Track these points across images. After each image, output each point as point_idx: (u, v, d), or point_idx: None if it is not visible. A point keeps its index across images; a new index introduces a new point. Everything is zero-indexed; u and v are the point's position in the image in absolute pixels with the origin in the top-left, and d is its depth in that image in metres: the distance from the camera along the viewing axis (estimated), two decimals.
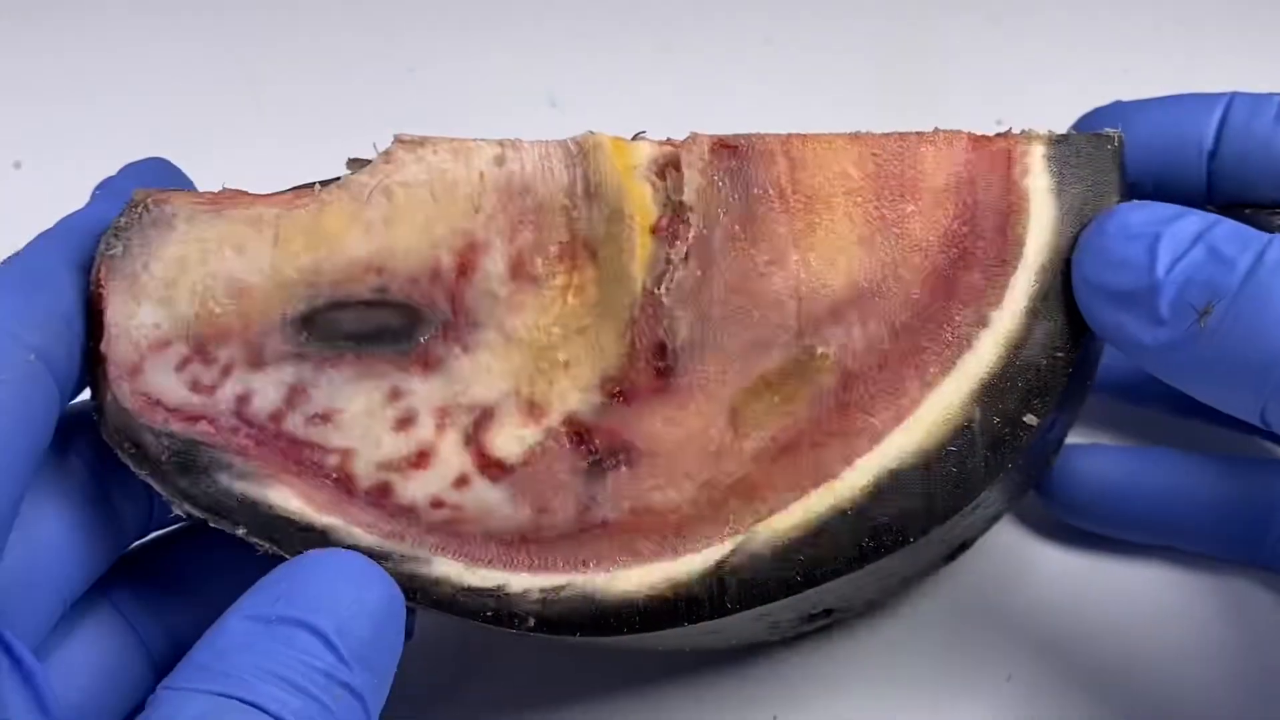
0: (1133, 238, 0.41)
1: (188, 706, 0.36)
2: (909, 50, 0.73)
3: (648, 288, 0.44)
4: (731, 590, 0.43)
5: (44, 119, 0.72)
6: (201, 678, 0.36)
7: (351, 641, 0.38)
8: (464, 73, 0.73)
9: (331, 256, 0.44)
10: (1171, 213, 0.42)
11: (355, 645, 0.38)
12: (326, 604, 0.38)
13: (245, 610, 0.38)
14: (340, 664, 0.37)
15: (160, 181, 0.47)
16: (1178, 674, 0.51)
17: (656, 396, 0.44)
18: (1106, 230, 0.42)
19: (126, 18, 0.77)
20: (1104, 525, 0.53)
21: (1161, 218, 0.41)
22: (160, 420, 0.42)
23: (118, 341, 0.43)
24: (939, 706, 0.51)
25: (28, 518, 0.40)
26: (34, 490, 0.40)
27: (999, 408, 0.43)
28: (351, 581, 0.39)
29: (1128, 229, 0.42)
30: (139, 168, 0.47)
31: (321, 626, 0.37)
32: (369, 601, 0.39)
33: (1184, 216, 0.41)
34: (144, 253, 0.43)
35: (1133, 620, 0.52)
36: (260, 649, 0.37)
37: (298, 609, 0.38)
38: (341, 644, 0.37)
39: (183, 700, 0.36)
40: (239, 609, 0.38)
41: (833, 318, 0.44)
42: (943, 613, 0.53)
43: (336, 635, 0.37)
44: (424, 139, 0.45)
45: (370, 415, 0.44)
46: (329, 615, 0.38)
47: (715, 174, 0.44)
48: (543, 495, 0.44)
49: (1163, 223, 0.41)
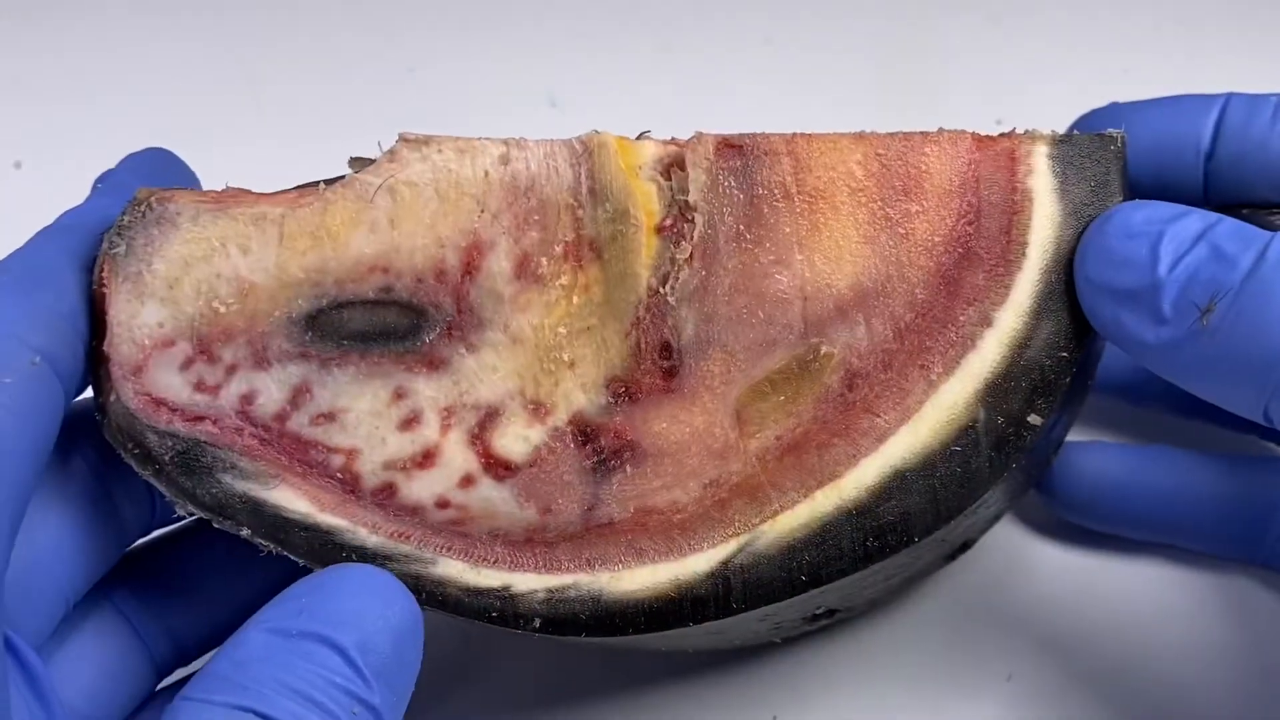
0: (1135, 236, 0.41)
1: (204, 718, 0.35)
2: (909, 50, 0.73)
3: (653, 287, 0.44)
4: (736, 590, 0.43)
5: (44, 119, 0.72)
6: (219, 689, 0.36)
7: (373, 659, 0.37)
8: (464, 73, 0.73)
9: (336, 255, 0.44)
10: (1173, 212, 0.42)
11: (376, 663, 0.37)
12: (349, 620, 0.38)
13: (266, 622, 0.38)
14: (361, 681, 0.37)
15: (162, 172, 0.47)
16: (1178, 674, 0.51)
17: (662, 396, 0.44)
18: (1108, 230, 0.42)
19: (126, 18, 0.77)
20: (1104, 523, 0.53)
21: (1163, 216, 0.41)
22: (164, 420, 0.42)
23: (121, 341, 0.42)
24: (939, 706, 0.51)
25: (30, 519, 0.40)
26: (36, 491, 0.40)
27: (1003, 407, 0.43)
28: (376, 598, 0.39)
29: (1129, 228, 0.42)
30: (140, 159, 0.47)
31: (343, 643, 0.37)
32: (392, 619, 0.38)
33: (1186, 215, 0.41)
34: (147, 251, 0.43)
35: (1133, 620, 0.52)
36: (280, 662, 0.36)
37: (319, 624, 0.37)
38: (362, 661, 0.37)
39: (199, 711, 0.36)
40: (260, 621, 0.38)
41: (837, 317, 0.44)
42: (943, 613, 0.53)
43: (358, 652, 0.37)
44: (429, 138, 0.45)
45: (375, 415, 0.44)
46: (351, 631, 0.37)
47: (720, 173, 0.44)
48: (548, 495, 0.44)
49: (1165, 221, 0.41)
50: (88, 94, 0.73)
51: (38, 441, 0.39)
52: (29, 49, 0.76)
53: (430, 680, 0.50)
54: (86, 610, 0.44)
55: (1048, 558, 0.55)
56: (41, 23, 0.77)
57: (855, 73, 0.72)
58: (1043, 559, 0.55)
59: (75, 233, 0.44)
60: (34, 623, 0.40)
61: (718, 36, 0.74)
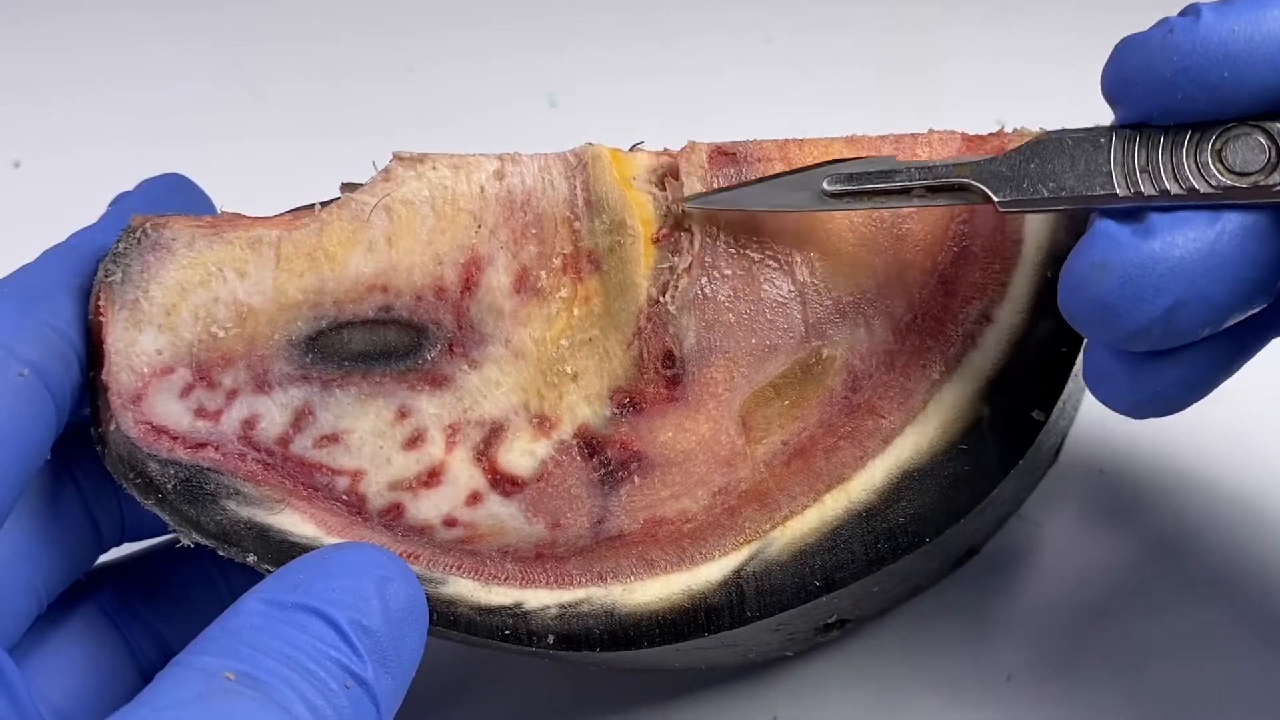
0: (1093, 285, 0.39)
1: (192, 682, 0.35)
2: (909, 50, 0.72)
3: (653, 297, 0.44)
4: (750, 598, 0.42)
5: (44, 119, 0.72)
6: (211, 652, 0.36)
7: (366, 636, 0.37)
8: (464, 73, 0.73)
9: (334, 276, 0.44)
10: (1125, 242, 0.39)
11: (370, 641, 0.37)
12: (344, 596, 0.38)
13: (263, 593, 0.38)
14: (354, 656, 0.37)
15: (177, 197, 0.46)
16: (1178, 674, 0.51)
17: (666, 405, 0.44)
18: (1070, 275, 0.40)
19: (126, 17, 0.76)
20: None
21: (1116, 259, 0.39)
22: (165, 448, 0.42)
23: (119, 369, 0.42)
24: (939, 706, 0.51)
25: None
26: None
27: (1007, 404, 0.43)
28: (370, 576, 0.38)
29: (1087, 282, 0.39)
30: (155, 183, 0.47)
31: (336, 617, 0.37)
32: (389, 598, 0.38)
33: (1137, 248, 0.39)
34: (144, 278, 0.43)
35: (1133, 620, 0.52)
36: (272, 631, 0.36)
37: (315, 598, 0.37)
38: (356, 637, 0.37)
39: (189, 676, 0.35)
40: (256, 592, 0.38)
41: (838, 319, 0.44)
42: (943, 613, 0.52)
43: (351, 627, 0.37)
44: (423, 155, 0.44)
45: (379, 435, 0.44)
46: (345, 608, 0.37)
47: (715, 181, 0.44)
48: (556, 509, 0.44)
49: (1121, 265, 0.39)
50: (88, 94, 0.73)
51: (18, 453, 0.39)
52: (29, 49, 0.75)
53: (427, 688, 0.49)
54: (69, 611, 0.44)
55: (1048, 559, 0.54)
56: (41, 22, 0.77)
57: (855, 72, 0.72)
58: (1043, 561, 0.54)
59: (81, 252, 0.44)
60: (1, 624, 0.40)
61: (718, 36, 0.73)
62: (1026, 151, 0.40)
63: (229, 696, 0.35)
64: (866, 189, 0.42)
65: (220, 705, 0.35)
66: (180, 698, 0.35)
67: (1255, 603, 0.52)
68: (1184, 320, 0.38)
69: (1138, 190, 0.39)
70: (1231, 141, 0.38)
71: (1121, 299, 0.38)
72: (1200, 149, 0.38)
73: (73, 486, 0.43)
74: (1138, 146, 0.39)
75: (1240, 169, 0.38)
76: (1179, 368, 0.39)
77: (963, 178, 0.41)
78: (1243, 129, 0.38)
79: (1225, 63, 0.37)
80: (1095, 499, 0.55)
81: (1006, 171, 0.40)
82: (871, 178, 0.42)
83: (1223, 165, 0.38)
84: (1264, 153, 0.38)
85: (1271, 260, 0.38)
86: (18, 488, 0.39)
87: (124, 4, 0.77)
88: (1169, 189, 0.38)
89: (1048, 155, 0.40)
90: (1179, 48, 0.37)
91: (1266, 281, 0.38)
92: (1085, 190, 0.39)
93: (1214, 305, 0.38)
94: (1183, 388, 0.40)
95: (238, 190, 0.49)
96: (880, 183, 0.42)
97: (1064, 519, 0.55)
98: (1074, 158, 0.40)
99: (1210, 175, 0.38)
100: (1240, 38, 0.37)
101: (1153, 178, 0.39)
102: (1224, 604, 0.52)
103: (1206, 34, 0.37)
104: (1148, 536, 0.54)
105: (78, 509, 0.43)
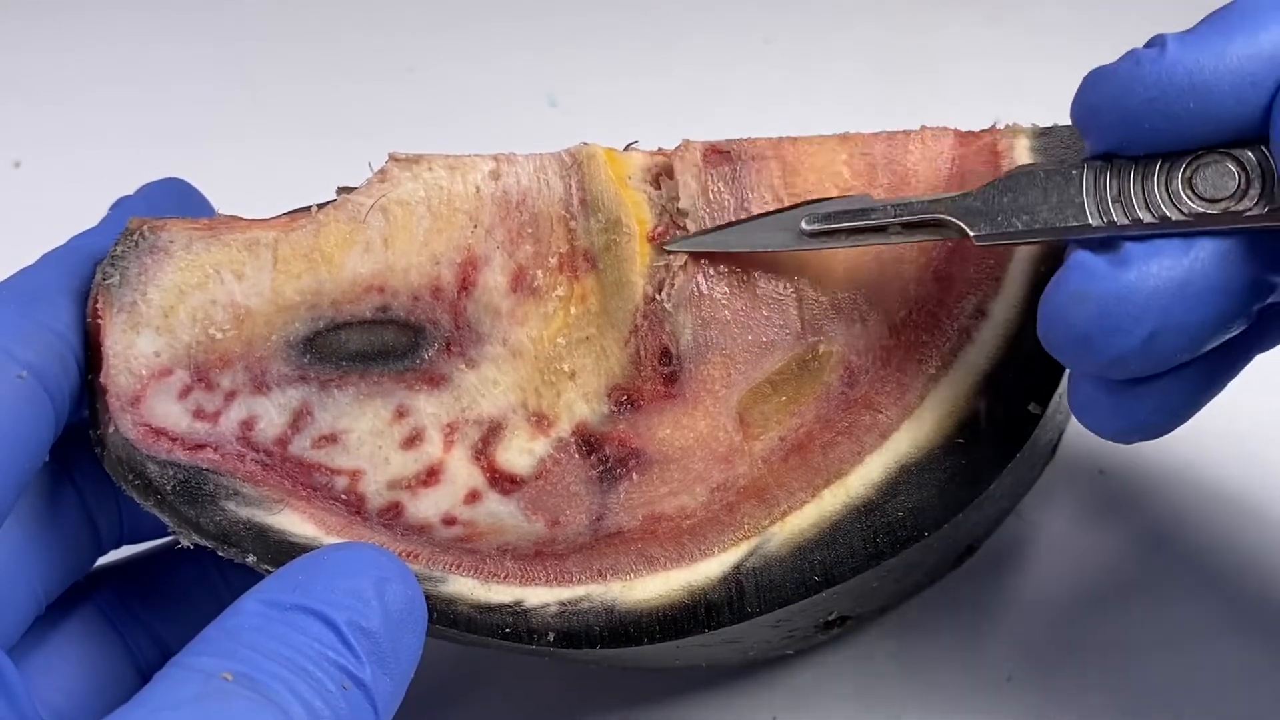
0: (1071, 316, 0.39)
1: (190, 682, 0.35)
2: (908, 49, 0.72)
3: (649, 294, 0.44)
4: (750, 594, 0.42)
5: (44, 119, 0.72)
6: (209, 653, 0.36)
7: (365, 638, 0.37)
8: (463, 73, 0.73)
9: (331, 277, 0.44)
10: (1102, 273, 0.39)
11: (369, 642, 0.37)
12: (342, 597, 0.38)
13: (261, 594, 0.38)
14: (352, 657, 0.37)
15: (178, 201, 0.47)
16: (1178, 674, 0.51)
17: (664, 402, 0.44)
18: (1048, 306, 0.40)
19: (126, 17, 0.76)
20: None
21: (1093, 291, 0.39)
22: (164, 450, 0.42)
23: (117, 372, 0.42)
24: (939, 707, 0.51)
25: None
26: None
27: (1003, 398, 0.43)
28: (369, 577, 0.39)
29: (1065, 313, 0.39)
30: (156, 188, 0.47)
31: (335, 618, 0.37)
32: (387, 599, 0.38)
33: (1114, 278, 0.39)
34: (141, 281, 0.43)
35: (1133, 620, 0.52)
36: (271, 632, 0.37)
37: (314, 599, 0.37)
38: (354, 638, 0.37)
39: (187, 676, 0.36)
40: (255, 593, 0.38)
41: (834, 315, 0.44)
42: (943, 613, 0.52)
43: (349, 629, 0.37)
44: (418, 156, 0.45)
45: (377, 434, 0.44)
46: (344, 609, 0.37)
47: (709, 179, 0.44)
48: (555, 507, 0.44)
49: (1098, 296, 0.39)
50: (88, 94, 0.73)
51: (17, 453, 0.39)
52: (29, 49, 0.76)
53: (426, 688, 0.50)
54: (68, 612, 0.44)
55: (1047, 559, 0.54)
56: (41, 22, 0.77)
57: (855, 72, 0.72)
58: (1042, 561, 0.54)
59: (80, 255, 0.44)
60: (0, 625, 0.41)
61: (718, 36, 0.73)
62: (1000, 185, 0.41)
63: (227, 697, 0.35)
64: (844, 227, 0.42)
65: (218, 706, 0.35)
66: (178, 698, 0.35)
67: (1253, 601, 0.52)
68: (1162, 348, 0.38)
69: (1110, 220, 0.39)
70: (1202, 169, 0.38)
71: (1100, 330, 0.38)
72: (1171, 177, 0.39)
73: (71, 489, 0.43)
74: (1109, 177, 0.39)
75: (1211, 196, 0.38)
76: (1160, 394, 0.40)
77: (938, 213, 0.41)
78: (1212, 156, 0.38)
79: (1191, 94, 0.37)
80: (1094, 499, 0.55)
81: (981, 206, 0.41)
82: (848, 216, 0.42)
83: (1194, 193, 0.38)
84: (1234, 179, 0.38)
85: (1246, 284, 0.38)
86: (16, 490, 0.39)
87: (124, 4, 0.77)
88: (1141, 218, 0.39)
89: (1021, 188, 0.40)
90: (1145, 80, 0.38)
91: (1242, 305, 0.38)
92: (1059, 222, 0.40)
93: (1191, 332, 0.38)
94: (1166, 413, 0.40)
95: (237, 190, 0.50)
96: (857, 220, 0.42)
97: (1063, 519, 0.55)
98: (1046, 190, 0.40)
99: (1182, 203, 0.38)
100: (1205, 69, 0.37)
101: (1125, 207, 0.39)
102: (1223, 602, 0.52)
103: (1172, 66, 0.38)
104: (1147, 536, 0.54)
105: (76, 511, 0.43)
